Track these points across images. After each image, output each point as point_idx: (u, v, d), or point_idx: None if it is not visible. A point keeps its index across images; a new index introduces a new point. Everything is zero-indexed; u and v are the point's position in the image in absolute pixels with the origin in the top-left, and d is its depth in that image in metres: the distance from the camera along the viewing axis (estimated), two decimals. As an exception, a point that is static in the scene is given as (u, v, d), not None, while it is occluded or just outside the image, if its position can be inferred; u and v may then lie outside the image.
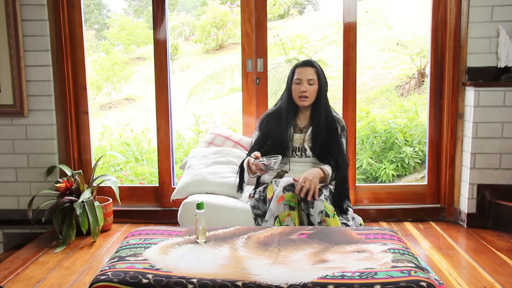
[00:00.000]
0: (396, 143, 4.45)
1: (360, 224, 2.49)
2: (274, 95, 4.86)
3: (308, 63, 2.55)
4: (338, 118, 2.62)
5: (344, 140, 2.60)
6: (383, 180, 4.32)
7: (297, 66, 2.57)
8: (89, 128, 3.25)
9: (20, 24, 2.98)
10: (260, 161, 2.34)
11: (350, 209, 2.51)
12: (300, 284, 1.54)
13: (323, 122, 2.53)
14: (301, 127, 2.59)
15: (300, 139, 2.56)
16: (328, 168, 2.43)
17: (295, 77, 2.53)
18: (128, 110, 6.10)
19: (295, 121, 2.59)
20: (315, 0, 7.02)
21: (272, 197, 2.35)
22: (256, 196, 2.55)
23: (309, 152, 2.53)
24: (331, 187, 2.51)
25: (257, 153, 2.40)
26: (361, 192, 3.22)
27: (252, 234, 1.99)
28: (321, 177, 2.36)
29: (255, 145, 2.59)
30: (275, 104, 2.67)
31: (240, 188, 2.62)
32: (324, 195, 2.34)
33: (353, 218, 2.47)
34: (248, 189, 2.73)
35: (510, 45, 2.87)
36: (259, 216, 2.45)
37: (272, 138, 2.53)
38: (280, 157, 2.34)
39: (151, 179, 4.43)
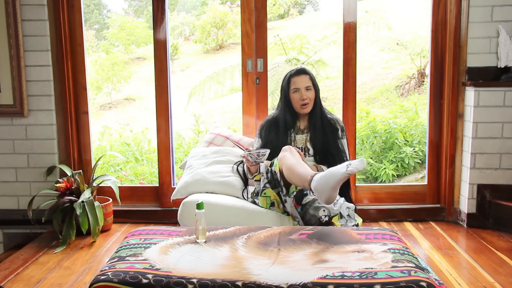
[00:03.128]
0: (396, 143, 4.45)
1: (357, 225, 2.45)
2: (272, 94, 4.86)
3: (302, 71, 2.64)
4: (337, 119, 2.71)
5: (345, 141, 2.68)
6: (383, 180, 4.32)
7: (291, 75, 2.64)
8: (89, 128, 3.25)
9: (20, 24, 2.98)
10: (249, 152, 2.48)
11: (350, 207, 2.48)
12: (300, 284, 1.54)
13: (319, 123, 2.63)
14: (302, 128, 2.69)
15: (303, 139, 2.66)
16: (324, 168, 2.52)
17: (292, 87, 2.61)
18: (128, 110, 6.10)
19: (296, 124, 2.68)
20: (315, 0, 7.02)
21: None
22: (258, 189, 2.55)
23: (312, 152, 2.63)
24: None
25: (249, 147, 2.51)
26: (361, 192, 3.22)
27: (252, 234, 1.99)
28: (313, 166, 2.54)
29: None
30: (273, 112, 2.76)
31: (247, 193, 2.66)
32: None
33: (348, 215, 2.40)
34: (250, 188, 2.73)
35: (510, 45, 2.87)
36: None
37: (273, 145, 2.58)
38: (268, 151, 2.46)
39: (151, 179, 4.43)
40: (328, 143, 2.60)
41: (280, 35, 5.66)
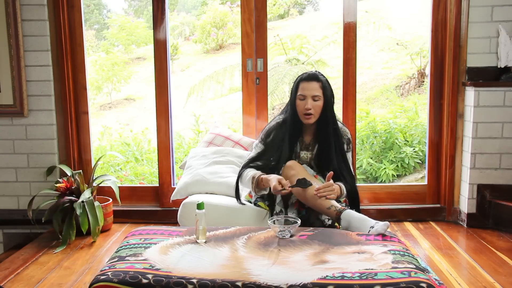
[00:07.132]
0: (396, 143, 4.45)
1: None
2: (271, 94, 4.86)
3: (313, 77, 2.40)
4: (345, 131, 2.51)
5: (350, 154, 2.50)
6: (383, 180, 4.32)
7: (301, 79, 2.42)
8: (89, 128, 3.25)
9: (20, 24, 2.98)
10: (278, 221, 2.06)
11: None
12: (300, 285, 1.54)
13: (330, 141, 2.40)
14: (307, 143, 2.48)
15: (307, 157, 2.47)
16: (343, 187, 2.35)
17: (298, 93, 2.39)
18: (128, 110, 6.10)
19: (301, 136, 2.47)
20: (315, 0, 7.02)
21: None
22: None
23: (316, 169, 2.44)
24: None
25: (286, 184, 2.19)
26: (361, 192, 3.17)
27: (252, 235, 1.99)
28: (338, 194, 2.29)
29: (257, 159, 2.48)
30: (280, 114, 2.54)
31: (238, 198, 2.51)
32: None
33: None
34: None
35: (510, 45, 2.87)
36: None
37: (276, 154, 2.42)
38: (299, 222, 2.04)
39: (151, 179, 4.43)
40: (334, 165, 2.39)
41: (280, 35, 5.66)
